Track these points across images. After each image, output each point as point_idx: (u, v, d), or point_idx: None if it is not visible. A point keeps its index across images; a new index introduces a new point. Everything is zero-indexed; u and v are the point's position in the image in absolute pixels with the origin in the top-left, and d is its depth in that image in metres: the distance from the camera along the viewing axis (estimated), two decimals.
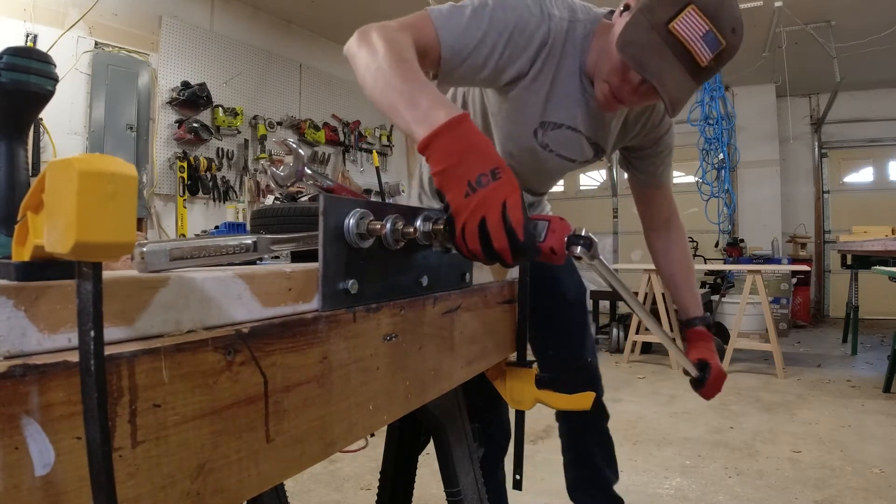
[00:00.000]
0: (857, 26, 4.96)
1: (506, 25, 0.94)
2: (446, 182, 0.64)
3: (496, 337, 0.91)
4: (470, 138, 0.65)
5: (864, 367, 4.35)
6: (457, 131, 0.66)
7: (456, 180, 0.63)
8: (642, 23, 0.91)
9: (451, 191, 0.63)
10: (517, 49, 0.97)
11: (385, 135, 6.31)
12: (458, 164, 0.63)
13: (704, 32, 0.88)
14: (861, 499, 2.05)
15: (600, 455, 1.45)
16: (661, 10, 0.89)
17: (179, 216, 4.24)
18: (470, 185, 0.62)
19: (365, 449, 2.56)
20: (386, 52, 0.76)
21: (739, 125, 6.47)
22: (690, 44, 0.88)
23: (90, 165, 0.27)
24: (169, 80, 4.27)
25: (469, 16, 0.92)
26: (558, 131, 1.12)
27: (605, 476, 1.45)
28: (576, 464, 1.48)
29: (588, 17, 1.04)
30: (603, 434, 1.47)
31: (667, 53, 0.90)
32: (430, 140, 0.66)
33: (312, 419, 0.49)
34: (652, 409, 3.29)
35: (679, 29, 0.88)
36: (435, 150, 0.65)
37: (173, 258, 0.39)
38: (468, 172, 0.62)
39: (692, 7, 0.88)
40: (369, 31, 0.82)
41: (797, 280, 6.16)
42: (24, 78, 0.76)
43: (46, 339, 0.31)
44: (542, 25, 0.98)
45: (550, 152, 1.16)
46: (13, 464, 0.28)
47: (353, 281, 0.55)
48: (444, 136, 0.65)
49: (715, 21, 0.89)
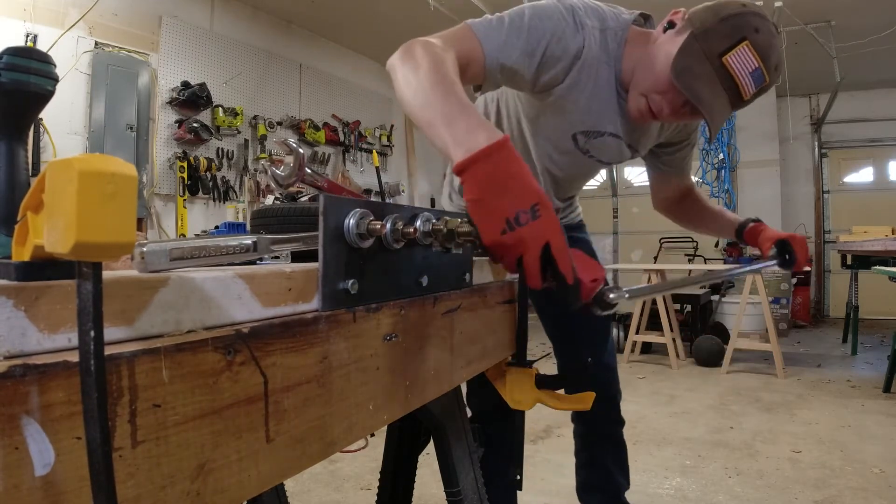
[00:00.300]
0: (857, 26, 4.96)
1: (543, 34, 0.96)
2: (481, 215, 0.59)
3: (496, 337, 0.91)
4: (509, 167, 0.61)
5: (864, 367, 4.35)
6: (496, 158, 0.62)
7: (491, 214, 0.59)
8: (696, 51, 0.94)
9: (486, 226, 0.59)
10: (553, 58, 0.98)
11: (385, 135, 6.31)
12: (495, 197, 0.59)
13: (754, 69, 0.92)
14: (861, 499, 2.05)
15: (613, 460, 1.45)
16: (717, 41, 0.93)
17: (179, 216, 4.24)
18: (508, 223, 0.58)
19: (365, 449, 2.56)
20: (428, 69, 0.75)
21: (739, 125, 6.46)
22: (740, 78, 0.92)
23: (90, 165, 0.27)
24: (169, 80, 4.27)
25: (508, 26, 0.94)
26: (601, 139, 1.14)
27: (616, 482, 1.44)
28: (588, 466, 1.48)
29: (618, 25, 1.06)
30: (618, 439, 1.47)
31: (715, 83, 0.93)
32: (467, 164, 0.62)
33: (312, 419, 0.49)
34: (652, 409, 3.29)
35: (732, 63, 0.92)
36: (471, 177, 0.61)
37: (173, 258, 0.39)
38: (506, 207, 0.58)
39: (747, 43, 0.91)
40: (413, 46, 0.81)
41: (797, 280, 6.16)
42: (24, 78, 0.76)
43: (46, 339, 0.31)
44: (577, 36, 1.00)
45: (591, 157, 1.19)
46: (13, 464, 0.28)
47: (353, 281, 0.55)
48: (483, 162, 0.61)
49: (764, 59, 0.92)
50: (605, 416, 1.43)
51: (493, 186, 0.60)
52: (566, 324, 1.40)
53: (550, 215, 0.59)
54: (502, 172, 0.61)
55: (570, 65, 1.01)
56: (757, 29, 0.92)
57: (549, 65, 0.99)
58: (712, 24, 0.94)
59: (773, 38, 0.94)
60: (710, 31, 0.93)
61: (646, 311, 4.63)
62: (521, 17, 0.95)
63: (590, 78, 1.04)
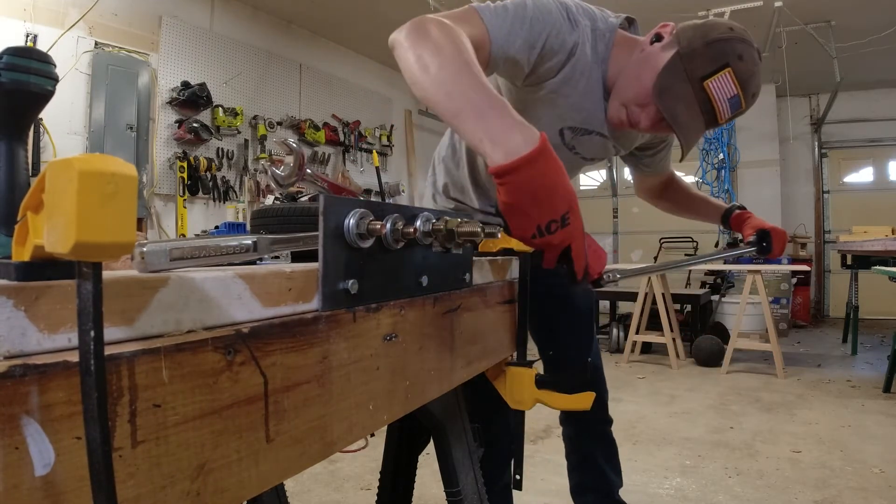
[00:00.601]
0: (857, 26, 4.96)
1: (544, 26, 0.96)
2: (515, 218, 0.63)
3: (496, 337, 0.91)
4: (548, 176, 0.62)
5: (864, 367, 4.35)
6: (537, 166, 0.62)
7: (526, 218, 0.62)
8: (679, 71, 0.95)
9: (519, 228, 0.63)
10: (551, 51, 0.99)
11: (385, 135, 6.31)
12: (531, 205, 0.61)
13: (732, 95, 0.94)
14: (861, 499, 2.05)
15: (605, 459, 1.45)
16: (701, 64, 0.94)
17: (179, 216, 4.24)
18: (539, 230, 0.62)
19: (365, 449, 2.56)
20: (452, 54, 0.72)
21: (739, 125, 6.46)
22: (718, 103, 0.94)
23: (90, 165, 0.27)
24: (169, 80, 4.27)
25: (513, 16, 0.94)
26: (588, 137, 1.15)
27: (609, 480, 1.45)
28: (580, 467, 1.48)
29: (606, 27, 1.06)
30: (606, 438, 1.47)
31: (694, 105, 0.95)
32: (508, 170, 0.62)
33: (312, 419, 0.49)
34: (652, 409, 3.29)
35: (712, 88, 0.93)
36: (511, 183, 0.62)
37: (173, 258, 0.39)
38: (540, 216, 0.61)
39: (729, 70, 0.93)
40: (426, 25, 0.77)
41: (797, 280, 6.16)
42: (24, 78, 0.76)
43: (46, 339, 0.31)
44: (573, 33, 1.00)
45: (575, 154, 1.19)
46: (13, 464, 0.28)
47: (353, 281, 0.55)
48: (525, 170, 0.61)
49: (744, 87, 0.94)
50: (595, 416, 1.43)
51: (532, 195, 0.61)
52: (552, 326, 1.40)
53: (578, 222, 0.63)
54: (541, 181, 0.62)
55: (566, 60, 1.01)
56: (741, 56, 0.94)
57: (547, 57, 0.99)
58: (699, 46, 0.95)
59: (755, 66, 0.96)
60: (695, 53, 0.94)
61: (646, 311, 4.63)
62: (524, 8, 0.95)
63: (582, 75, 1.04)
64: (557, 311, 1.36)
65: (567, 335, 1.41)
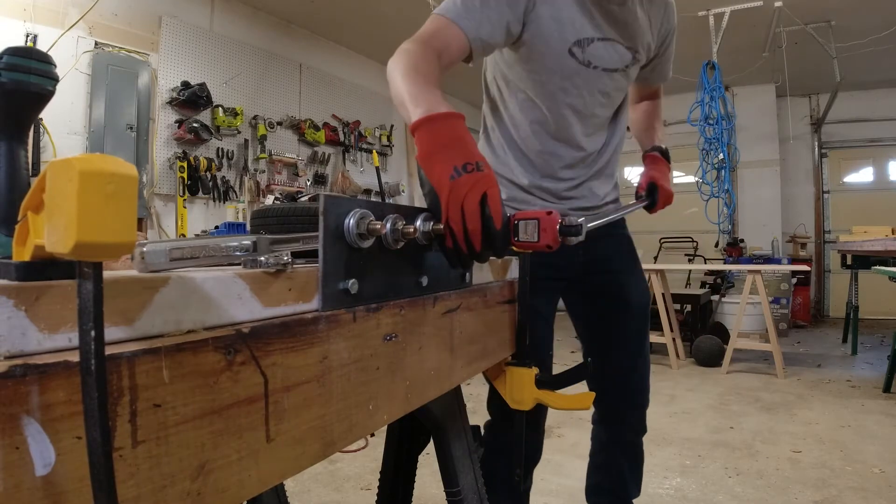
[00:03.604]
0: (857, 26, 4.96)
1: None
2: (432, 164, 0.69)
3: (496, 337, 0.91)
4: (459, 132, 0.72)
5: (864, 367, 4.35)
6: (450, 122, 0.72)
7: (442, 163, 0.68)
8: None
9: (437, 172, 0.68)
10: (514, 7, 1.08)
11: (385, 135, 6.30)
12: (445, 149, 0.69)
13: None
14: (861, 499, 2.05)
15: (630, 469, 1.42)
16: None
17: (179, 216, 4.24)
18: (455, 170, 0.67)
19: (365, 449, 2.56)
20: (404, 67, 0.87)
21: (739, 125, 6.46)
22: None
23: (91, 165, 0.27)
24: (169, 80, 4.27)
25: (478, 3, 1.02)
26: (592, 46, 1.18)
27: (628, 489, 1.42)
28: (603, 470, 1.45)
29: None
30: (637, 448, 1.44)
31: None
32: (423, 122, 0.72)
33: (312, 419, 0.49)
34: (652, 409, 3.26)
35: None
36: (425, 132, 0.71)
37: (173, 258, 0.39)
38: (454, 159, 0.68)
39: None
40: (399, 51, 0.93)
41: (797, 280, 6.16)
42: (24, 78, 0.76)
43: (47, 339, 0.31)
44: None
45: (595, 68, 1.20)
46: (14, 464, 0.28)
47: (353, 281, 0.55)
48: (438, 121, 0.72)
49: None
50: (632, 424, 1.42)
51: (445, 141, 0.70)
52: (602, 329, 1.38)
53: (491, 172, 0.69)
54: (454, 133, 0.71)
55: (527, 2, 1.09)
56: None
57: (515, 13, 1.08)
58: None
59: None
60: None
61: None
62: None
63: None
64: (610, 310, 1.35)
65: (617, 339, 1.37)
